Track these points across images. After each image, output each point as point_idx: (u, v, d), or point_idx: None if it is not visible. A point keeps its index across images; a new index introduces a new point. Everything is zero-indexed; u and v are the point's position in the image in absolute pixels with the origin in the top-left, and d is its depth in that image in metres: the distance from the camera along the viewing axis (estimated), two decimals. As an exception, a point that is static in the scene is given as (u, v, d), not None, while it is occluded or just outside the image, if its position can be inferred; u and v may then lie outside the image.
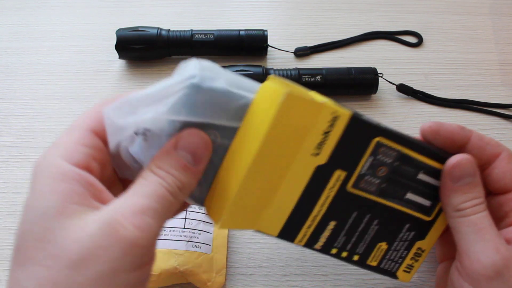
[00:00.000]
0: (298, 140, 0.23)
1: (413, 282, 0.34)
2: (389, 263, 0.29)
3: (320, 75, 0.42)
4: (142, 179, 0.20)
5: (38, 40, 0.49)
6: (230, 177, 0.22)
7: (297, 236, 0.26)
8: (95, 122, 0.22)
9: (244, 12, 0.51)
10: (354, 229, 0.27)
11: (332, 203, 0.25)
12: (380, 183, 0.26)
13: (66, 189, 0.19)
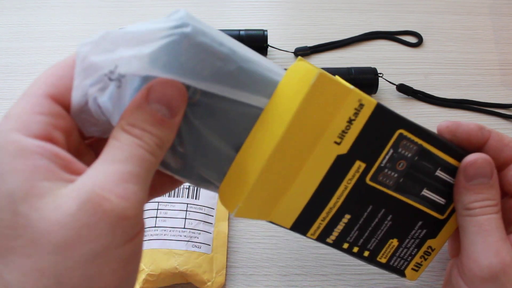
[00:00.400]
0: (323, 125, 0.22)
1: (413, 283, 0.34)
2: (398, 261, 0.28)
3: (320, 75, 0.42)
4: (115, 140, 0.18)
5: (38, 40, 0.49)
6: (250, 161, 0.21)
7: (311, 228, 0.25)
8: (52, 86, 0.19)
9: (244, 12, 0.51)
10: (368, 224, 0.26)
11: (349, 195, 0.25)
12: (398, 177, 0.25)
13: (29, 165, 0.16)
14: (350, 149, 0.23)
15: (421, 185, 0.26)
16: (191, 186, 0.36)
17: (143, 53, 0.18)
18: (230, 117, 0.21)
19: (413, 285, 0.34)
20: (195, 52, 0.19)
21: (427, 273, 0.34)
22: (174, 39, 0.18)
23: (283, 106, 0.21)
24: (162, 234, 0.34)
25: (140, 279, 0.32)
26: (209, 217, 0.35)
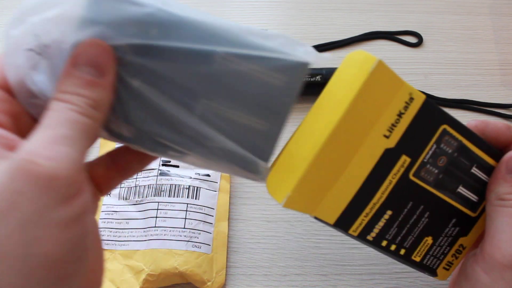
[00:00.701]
0: (374, 117, 0.22)
1: (413, 283, 0.34)
2: (431, 259, 0.28)
3: (320, 75, 0.42)
4: (48, 110, 0.18)
5: (38, 40, 0.49)
6: (301, 149, 0.21)
7: (353, 225, 0.25)
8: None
9: (244, 12, 0.51)
10: (407, 221, 0.26)
11: (392, 190, 0.24)
12: (438, 173, 0.25)
13: None
14: (398, 143, 0.23)
15: (457, 181, 0.26)
16: (191, 186, 0.36)
17: (57, 15, 0.18)
18: (174, 74, 0.20)
19: (413, 285, 0.34)
20: (111, 4, 0.18)
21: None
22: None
23: (339, 93, 0.21)
24: (162, 234, 0.34)
25: (140, 279, 0.32)
26: (209, 217, 0.35)
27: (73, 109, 0.18)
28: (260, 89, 0.21)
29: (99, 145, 0.40)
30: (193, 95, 0.20)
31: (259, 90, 0.21)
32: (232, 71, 0.20)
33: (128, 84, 0.20)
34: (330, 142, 0.21)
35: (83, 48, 0.18)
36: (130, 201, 0.36)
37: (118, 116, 0.20)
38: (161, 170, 0.37)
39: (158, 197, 0.36)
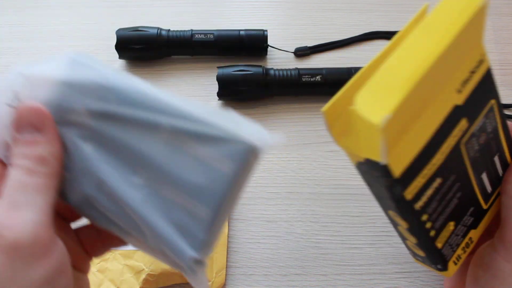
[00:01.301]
0: (459, 63, 0.20)
1: (413, 283, 0.34)
2: (448, 249, 0.25)
3: (320, 75, 0.42)
4: (6, 178, 0.19)
5: (38, 40, 0.49)
6: (397, 75, 0.18)
7: (410, 185, 0.21)
8: None
9: (244, 12, 0.51)
10: (444, 196, 0.23)
11: (448, 156, 0.22)
12: (476, 150, 0.24)
13: None
14: (465, 101, 0.21)
15: (484, 166, 0.25)
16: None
17: (35, 75, 0.21)
18: (121, 141, 0.21)
19: (413, 285, 0.34)
20: (81, 69, 0.21)
21: (427, 273, 0.34)
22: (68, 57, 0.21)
23: (444, 22, 0.19)
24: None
25: (140, 279, 0.32)
26: (209, 217, 0.35)
27: (22, 172, 0.19)
28: (202, 170, 0.20)
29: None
30: (134, 164, 0.20)
31: (201, 171, 0.20)
32: (176, 147, 0.20)
33: (78, 145, 0.21)
34: (429, 72, 0.19)
35: (21, 113, 0.20)
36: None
37: (66, 176, 0.21)
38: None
39: (158, 197, 0.36)
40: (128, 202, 0.20)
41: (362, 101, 0.18)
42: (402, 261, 0.35)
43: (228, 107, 0.43)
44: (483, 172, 0.25)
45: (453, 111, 0.21)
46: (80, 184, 0.21)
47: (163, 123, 0.20)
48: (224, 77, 0.41)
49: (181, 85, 0.45)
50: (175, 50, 0.45)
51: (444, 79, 0.20)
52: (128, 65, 0.46)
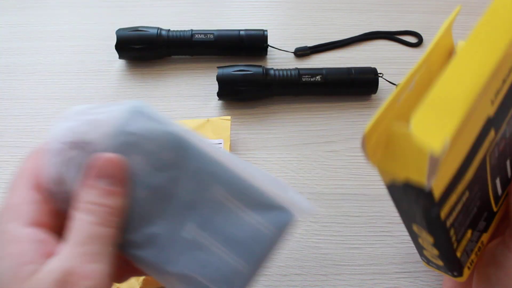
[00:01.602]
0: (498, 73, 0.19)
1: (413, 283, 0.34)
2: (464, 256, 0.25)
3: (320, 75, 0.42)
4: (74, 221, 0.20)
5: (38, 40, 0.49)
6: (456, 89, 0.17)
7: (446, 204, 0.21)
8: (34, 177, 0.22)
9: (244, 12, 0.51)
10: (468, 208, 0.23)
11: (478, 168, 0.21)
12: (496, 158, 0.23)
13: (18, 251, 0.20)
14: (496, 112, 0.20)
15: (499, 171, 0.24)
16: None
17: (99, 120, 0.21)
18: (177, 190, 0.22)
19: (413, 285, 0.34)
20: (144, 121, 0.22)
21: (427, 273, 0.34)
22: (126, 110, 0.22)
23: (495, 33, 0.18)
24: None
25: (140, 279, 0.32)
26: (209, 217, 0.35)
27: (97, 221, 0.20)
28: (247, 230, 0.22)
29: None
30: (184, 214, 0.22)
31: (246, 231, 0.22)
32: (228, 207, 0.22)
33: (136, 194, 0.22)
34: (482, 90, 0.17)
35: (102, 163, 0.21)
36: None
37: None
38: (161, 170, 0.37)
39: (158, 197, 0.36)
40: (175, 242, 0.22)
41: (417, 123, 0.17)
42: (402, 261, 0.35)
43: (228, 107, 0.43)
44: (497, 177, 0.25)
45: (486, 123, 0.20)
46: (131, 226, 0.22)
47: (219, 184, 0.22)
48: (224, 77, 0.41)
49: (181, 85, 0.45)
50: (175, 50, 0.45)
51: (487, 92, 0.19)
52: (128, 65, 0.46)
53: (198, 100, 0.44)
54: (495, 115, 0.21)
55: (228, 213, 0.23)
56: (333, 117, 0.42)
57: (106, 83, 0.45)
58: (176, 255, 0.22)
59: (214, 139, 0.39)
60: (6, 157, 0.41)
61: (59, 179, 0.22)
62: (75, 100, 0.44)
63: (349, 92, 0.43)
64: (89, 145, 0.21)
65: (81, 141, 0.21)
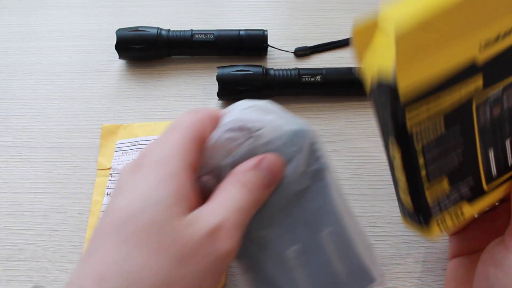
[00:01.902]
0: (493, 17, 0.22)
1: (413, 283, 0.34)
2: (436, 208, 0.26)
3: (320, 75, 0.42)
4: (234, 189, 0.23)
5: (38, 40, 0.49)
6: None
7: (413, 112, 0.23)
8: (197, 132, 0.24)
9: (244, 12, 0.51)
10: (446, 150, 0.25)
11: (458, 107, 0.24)
12: (488, 120, 0.25)
13: (176, 189, 0.22)
14: (485, 62, 0.23)
15: (493, 142, 0.26)
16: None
17: (286, 129, 0.25)
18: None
19: (413, 285, 0.34)
20: (307, 149, 0.26)
21: (427, 273, 0.34)
22: (306, 130, 0.26)
23: None
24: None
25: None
26: (209, 217, 0.35)
27: (248, 199, 0.23)
28: (331, 281, 0.26)
29: (99, 145, 0.40)
30: (295, 234, 0.25)
31: (330, 280, 0.26)
32: (325, 249, 0.26)
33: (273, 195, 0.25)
34: (461, 6, 0.21)
35: (270, 156, 0.24)
36: (130, 201, 0.36)
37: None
38: (161, 170, 0.37)
39: (158, 197, 0.36)
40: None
41: (389, 13, 0.21)
42: (402, 261, 0.35)
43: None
44: (490, 148, 0.26)
45: (471, 65, 0.23)
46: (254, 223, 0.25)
47: (331, 226, 0.26)
48: (224, 77, 0.41)
49: (181, 85, 0.45)
50: (175, 50, 0.45)
51: (472, 25, 0.22)
52: (128, 65, 0.47)
53: (198, 100, 0.44)
54: (484, 67, 0.23)
55: (323, 255, 0.26)
56: (333, 117, 0.42)
57: (106, 83, 0.45)
58: (270, 267, 0.25)
59: (214, 139, 0.39)
60: (6, 157, 0.41)
61: (219, 150, 0.25)
62: (75, 100, 0.44)
63: (349, 92, 0.43)
64: (259, 137, 0.25)
65: (254, 131, 0.25)
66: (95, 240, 0.21)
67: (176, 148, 0.23)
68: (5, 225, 0.37)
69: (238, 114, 0.25)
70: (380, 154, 0.40)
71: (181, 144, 0.23)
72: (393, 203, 0.37)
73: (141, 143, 0.39)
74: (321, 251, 0.26)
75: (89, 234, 0.36)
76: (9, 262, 0.35)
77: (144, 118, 0.43)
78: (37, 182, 0.39)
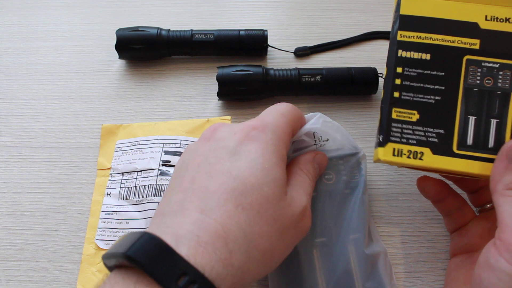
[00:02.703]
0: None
1: (413, 283, 0.34)
2: (396, 131, 0.29)
3: (320, 75, 0.42)
4: (303, 175, 0.29)
5: (38, 40, 0.49)
6: None
7: (407, 28, 0.29)
8: (292, 128, 0.29)
9: (244, 12, 0.51)
10: (425, 82, 0.29)
11: (447, 51, 0.28)
12: (476, 86, 0.28)
13: (283, 172, 0.27)
14: (486, 31, 0.28)
15: (476, 111, 0.28)
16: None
17: (344, 146, 0.35)
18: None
19: (412, 285, 0.34)
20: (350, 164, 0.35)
21: (427, 273, 0.34)
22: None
23: None
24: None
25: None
26: (209, 217, 0.35)
27: (312, 186, 0.30)
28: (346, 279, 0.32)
29: (99, 145, 0.40)
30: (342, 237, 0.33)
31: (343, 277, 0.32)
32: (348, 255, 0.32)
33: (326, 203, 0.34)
34: None
35: (320, 155, 0.32)
36: (130, 201, 0.36)
37: None
38: (161, 170, 0.37)
39: (158, 197, 0.36)
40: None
41: None
42: (402, 261, 0.35)
43: (228, 107, 0.43)
44: (472, 115, 0.28)
45: (472, 24, 0.28)
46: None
47: (358, 233, 0.33)
48: (224, 77, 0.41)
49: (181, 85, 0.45)
50: (175, 50, 0.45)
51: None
52: (128, 65, 0.46)
53: (198, 100, 0.44)
54: (484, 34, 0.28)
55: (344, 255, 0.32)
56: (333, 117, 0.42)
57: (106, 83, 0.45)
58: (298, 248, 0.32)
59: (214, 139, 0.39)
60: (6, 157, 0.41)
61: (293, 145, 0.32)
62: (75, 100, 0.44)
63: (349, 92, 0.43)
64: (323, 146, 0.33)
65: (321, 140, 0.33)
66: (208, 197, 0.24)
67: (283, 130, 0.28)
68: (5, 225, 0.37)
69: (316, 124, 0.32)
70: (380, 154, 0.40)
71: (286, 129, 0.28)
72: (393, 203, 0.37)
73: (141, 143, 0.39)
74: (344, 251, 0.31)
75: (89, 234, 0.36)
76: (9, 262, 0.35)
77: (144, 118, 0.43)
78: (37, 182, 0.39)
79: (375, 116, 0.42)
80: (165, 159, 0.38)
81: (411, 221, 0.36)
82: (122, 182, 0.37)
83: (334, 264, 0.31)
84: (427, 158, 0.28)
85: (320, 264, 0.31)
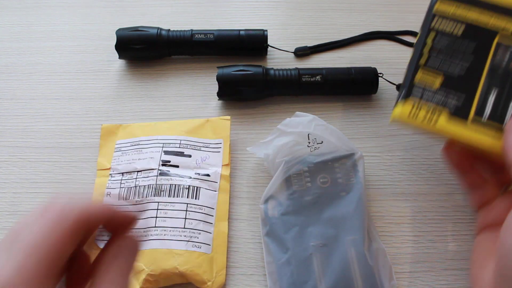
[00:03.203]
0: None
1: (413, 283, 0.34)
2: (420, 88, 0.30)
3: (320, 75, 0.42)
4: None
5: (38, 40, 0.49)
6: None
7: (444, 2, 0.31)
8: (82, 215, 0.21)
9: (244, 12, 0.51)
10: (454, 51, 0.30)
11: (480, 28, 0.30)
12: (502, 67, 0.30)
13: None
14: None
15: (498, 85, 0.29)
16: (191, 186, 0.36)
17: (339, 148, 0.36)
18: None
19: (413, 285, 0.34)
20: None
21: (427, 273, 0.34)
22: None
23: None
24: (162, 234, 0.34)
25: (140, 279, 0.32)
26: (209, 217, 0.35)
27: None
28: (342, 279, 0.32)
29: (99, 145, 0.40)
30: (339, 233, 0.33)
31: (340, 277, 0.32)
32: (346, 255, 0.32)
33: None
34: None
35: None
36: (130, 201, 0.36)
37: None
38: (161, 170, 0.37)
39: (158, 197, 0.36)
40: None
41: None
42: (402, 261, 0.35)
43: (228, 107, 0.43)
44: (494, 90, 0.29)
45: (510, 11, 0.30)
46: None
47: (356, 234, 0.33)
48: (224, 77, 0.41)
49: (181, 85, 0.45)
50: (175, 50, 0.45)
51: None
52: (128, 65, 0.47)
53: (198, 100, 0.44)
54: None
55: (342, 255, 0.32)
56: (333, 117, 0.42)
57: (106, 83, 0.45)
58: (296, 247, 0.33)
59: (214, 139, 0.39)
60: (6, 157, 0.41)
61: (284, 149, 0.36)
62: (75, 100, 0.44)
63: (349, 92, 0.43)
64: (317, 148, 0.36)
65: (315, 143, 0.36)
66: None
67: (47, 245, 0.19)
68: (5, 225, 0.37)
69: (307, 128, 0.33)
70: (380, 154, 0.40)
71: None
72: (393, 203, 0.37)
73: (140, 143, 0.39)
74: (343, 252, 0.32)
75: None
76: None
77: (144, 118, 0.43)
78: (37, 182, 0.39)
79: (375, 116, 0.42)
80: (165, 159, 0.38)
81: (411, 221, 0.36)
82: (122, 182, 0.37)
83: (333, 266, 0.31)
84: (441, 123, 0.29)
85: (319, 266, 0.32)
